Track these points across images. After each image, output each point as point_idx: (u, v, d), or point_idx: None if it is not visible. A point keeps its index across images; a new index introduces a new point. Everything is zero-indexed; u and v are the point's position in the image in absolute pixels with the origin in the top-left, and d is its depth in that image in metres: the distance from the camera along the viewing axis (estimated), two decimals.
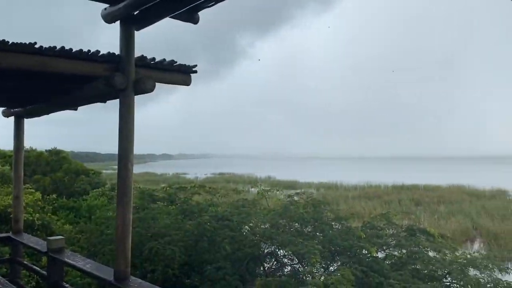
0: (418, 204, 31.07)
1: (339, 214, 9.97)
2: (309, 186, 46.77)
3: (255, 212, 9.29)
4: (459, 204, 29.16)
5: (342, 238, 8.06)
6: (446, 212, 26.36)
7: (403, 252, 8.31)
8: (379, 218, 9.83)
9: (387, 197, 33.78)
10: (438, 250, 8.42)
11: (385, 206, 27.95)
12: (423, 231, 9.23)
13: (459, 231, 20.55)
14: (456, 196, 34.40)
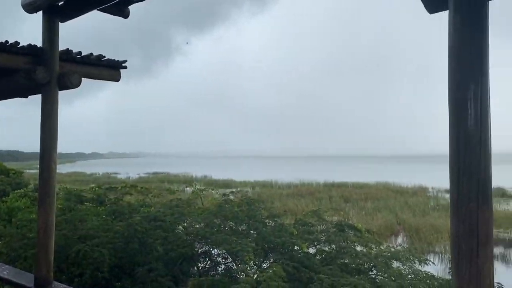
0: (347, 201, 32.45)
1: (272, 211, 10.15)
2: (245, 185, 47.15)
3: (189, 212, 9.19)
4: (384, 201, 30.87)
5: (275, 235, 8.21)
6: (372, 208, 27.78)
7: (333, 247, 8.63)
8: (311, 215, 10.15)
9: (319, 195, 34.92)
10: (365, 244, 8.85)
11: (317, 203, 28.86)
12: (351, 227, 9.66)
13: (384, 226, 21.75)
14: (382, 193, 36.40)
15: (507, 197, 35.76)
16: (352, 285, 6.41)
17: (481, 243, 1.72)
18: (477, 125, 1.74)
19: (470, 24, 1.78)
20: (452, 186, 1.79)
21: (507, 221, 23.01)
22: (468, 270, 1.70)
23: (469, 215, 1.71)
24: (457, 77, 1.82)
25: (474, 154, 1.73)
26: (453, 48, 1.84)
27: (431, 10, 2.11)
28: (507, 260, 16.56)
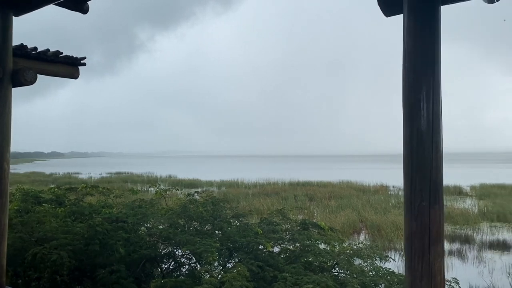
0: (312, 199, 32.90)
1: (237, 211, 10.14)
2: (210, 184, 46.94)
3: (152, 212, 9.03)
4: (348, 199, 31.50)
5: (240, 235, 8.20)
6: (336, 206, 28.29)
7: (297, 245, 8.71)
8: (276, 214, 10.21)
9: (284, 194, 35.21)
10: (328, 242, 8.98)
11: (282, 202, 29.12)
12: (315, 225, 9.77)
13: (347, 223, 22.20)
14: (345, 191, 37.14)
15: (463, 195, 37.31)
16: (315, 283, 6.50)
17: (432, 241, 1.77)
18: (429, 126, 1.80)
19: (423, 28, 1.83)
20: (406, 185, 1.83)
21: (463, 218, 24.02)
22: (420, 266, 1.75)
23: (422, 213, 1.76)
24: (411, 79, 1.87)
25: (427, 154, 1.79)
26: (407, 50, 1.89)
27: (387, 14, 2.16)
28: (463, 255, 17.25)
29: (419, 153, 1.81)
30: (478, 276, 14.15)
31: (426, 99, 1.82)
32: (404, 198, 1.86)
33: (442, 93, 1.85)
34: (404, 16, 1.93)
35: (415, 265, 1.76)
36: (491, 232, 21.27)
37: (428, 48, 1.84)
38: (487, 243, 18.87)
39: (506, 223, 23.24)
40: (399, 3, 1.99)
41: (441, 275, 1.80)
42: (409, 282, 1.80)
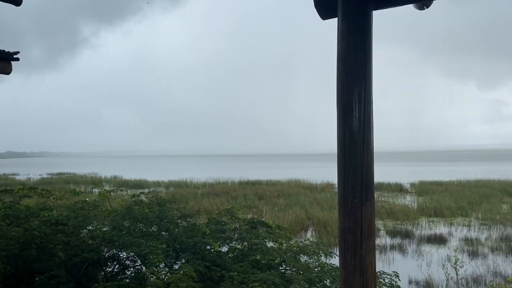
0: (261, 198, 33.20)
1: (185, 212, 10.02)
2: (158, 185, 46.06)
3: (95, 214, 8.72)
4: (296, 197, 32.09)
5: (187, 236, 8.12)
6: (284, 204, 28.72)
7: (245, 244, 8.76)
8: (224, 213, 10.20)
9: (234, 193, 35.28)
10: (276, 240, 9.11)
11: (231, 202, 29.15)
12: (263, 224, 9.87)
13: (295, 221, 22.62)
14: (294, 189, 37.81)
15: (404, 192, 39.16)
16: (262, 281, 6.57)
17: (364, 236, 1.85)
18: (360, 126, 1.87)
19: (355, 32, 1.90)
20: (339, 183, 1.90)
21: (404, 214, 25.22)
22: (353, 261, 1.82)
23: (354, 210, 1.84)
24: (344, 81, 1.94)
25: (358, 153, 1.86)
26: (340, 53, 1.96)
27: (324, 17, 2.22)
28: (403, 249, 18.08)
29: (351, 152, 1.89)
30: (417, 269, 14.90)
31: (358, 100, 1.90)
32: (338, 195, 1.92)
33: (381, 93, 1.93)
34: (338, 20, 2.00)
35: (348, 260, 1.82)
36: (429, 226, 22.48)
37: (360, 51, 1.92)
38: (425, 237, 19.92)
39: (442, 218, 24.66)
40: (334, 7, 2.06)
41: (372, 268, 1.88)
42: (342, 276, 1.87)
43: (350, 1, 1.88)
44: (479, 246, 17.95)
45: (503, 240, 18.79)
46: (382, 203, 29.49)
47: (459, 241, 19.17)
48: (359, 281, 1.76)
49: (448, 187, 38.97)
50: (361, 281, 1.77)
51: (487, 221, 23.04)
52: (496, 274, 14.15)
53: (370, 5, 1.93)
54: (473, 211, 26.01)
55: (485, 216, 24.25)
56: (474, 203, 28.47)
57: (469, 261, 15.79)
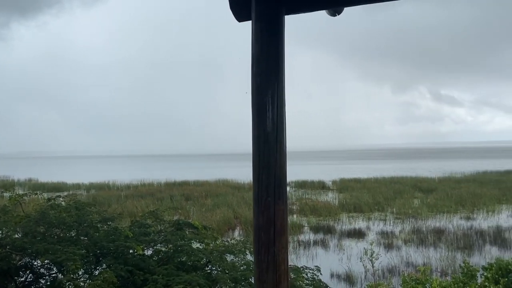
0: (188, 199, 32.82)
1: (106, 215, 9.62)
2: (78, 187, 43.70)
3: (4, 220, 8.06)
4: (224, 197, 32.16)
5: (109, 240, 7.81)
6: (212, 204, 28.68)
7: (170, 246, 8.61)
8: (148, 216, 9.94)
9: (160, 194, 34.50)
10: (202, 241, 9.06)
11: (157, 203, 28.49)
12: (189, 225, 9.76)
13: (223, 221, 22.67)
14: (221, 189, 37.85)
15: (326, 189, 40.88)
16: (187, 283, 6.51)
17: (277, 233, 1.92)
18: (274, 127, 1.94)
19: (268, 34, 1.96)
20: (254, 182, 1.95)
21: (326, 210, 26.34)
22: (266, 258, 1.88)
23: (267, 208, 1.89)
24: (258, 83, 1.99)
25: (272, 153, 1.93)
26: (254, 55, 2.01)
27: (239, 19, 2.27)
28: (326, 244, 18.87)
29: (265, 152, 1.94)
30: (339, 263, 15.63)
31: (272, 101, 1.97)
32: (253, 194, 1.97)
33: (306, 95, 2.01)
34: (252, 23, 2.05)
35: (262, 257, 1.88)
36: (349, 222, 23.69)
37: (273, 54, 1.98)
38: (346, 232, 20.96)
39: (361, 213, 26.11)
40: (248, 10, 2.11)
41: (285, 265, 1.95)
42: (256, 274, 1.92)
43: (263, 5, 1.93)
44: (393, 239, 19.26)
45: (414, 232, 20.33)
46: (306, 200, 30.55)
47: (376, 234, 20.40)
48: (272, 278, 1.81)
49: (366, 184, 41.33)
50: (274, 277, 1.83)
51: (400, 215, 24.80)
52: (409, 264, 15.26)
53: (282, 10, 2.00)
54: (388, 206, 27.83)
55: (399, 211, 26.06)
56: (389, 199, 30.49)
57: (385, 253, 16.89)
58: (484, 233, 19.59)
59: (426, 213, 25.19)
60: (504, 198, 30.16)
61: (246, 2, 2.08)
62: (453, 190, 33.43)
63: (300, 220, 24.12)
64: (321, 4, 2.11)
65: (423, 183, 39.75)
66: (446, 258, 15.64)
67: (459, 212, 25.68)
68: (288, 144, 2.00)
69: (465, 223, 22.23)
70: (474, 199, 29.09)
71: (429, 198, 30.61)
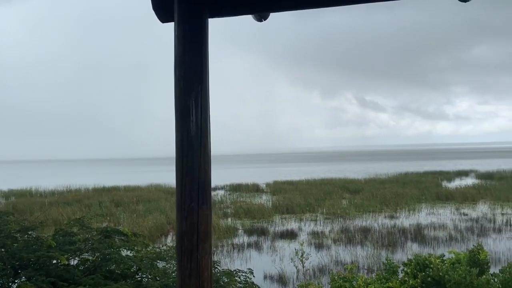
0: (118, 205, 31.64)
1: (25, 224, 8.97)
2: None
3: None
4: (156, 202, 31.38)
5: (28, 250, 7.29)
6: (144, 210, 27.88)
7: (97, 255, 8.23)
8: (74, 224, 9.44)
9: (87, 201, 32.96)
10: (131, 248, 8.76)
11: (85, 210, 27.19)
12: (118, 232, 9.39)
13: (155, 227, 22.11)
14: (154, 194, 36.90)
15: (260, 191, 41.38)
16: None
17: (200, 239, 1.89)
18: (197, 130, 1.92)
19: (191, 37, 1.94)
20: (177, 187, 1.91)
21: (260, 213, 26.65)
22: (189, 265, 1.84)
23: (191, 213, 1.86)
24: (181, 85, 1.96)
25: (196, 157, 1.90)
26: (177, 58, 1.98)
27: (163, 20, 2.23)
28: (259, 246, 19.07)
29: (188, 156, 1.91)
30: (272, 264, 15.85)
31: (195, 104, 1.94)
32: (176, 199, 1.93)
33: (240, 99, 2.00)
34: (175, 25, 2.02)
35: (185, 264, 1.84)
36: (282, 223, 24.15)
37: (197, 57, 1.96)
38: (279, 233, 21.34)
39: (294, 215, 26.75)
40: (171, 12, 2.07)
41: (208, 271, 1.93)
42: (179, 281, 1.88)
43: (186, 7, 1.90)
44: (324, 239, 19.93)
45: (343, 232, 21.18)
46: (240, 203, 30.71)
47: (307, 235, 20.99)
48: (195, 284, 1.78)
49: (299, 186, 42.44)
50: (197, 284, 1.80)
51: (330, 216, 25.74)
52: (338, 263, 15.86)
53: (206, 13, 1.99)
54: (319, 207, 28.77)
55: (328, 211, 27.04)
56: (320, 200, 31.54)
57: (316, 252, 17.42)
58: (406, 230, 20.89)
59: (354, 213, 26.37)
60: (423, 198, 32.43)
61: (169, 4, 2.03)
62: (378, 191, 35.32)
63: (235, 223, 24.19)
64: (245, 9, 2.11)
65: (350, 184, 41.59)
66: (372, 256, 16.46)
67: (384, 211, 27.18)
68: (222, 147, 2.01)
69: (389, 222, 23.56)
70: (397, 198, 30.95)
71: (356, 198, 32.09)
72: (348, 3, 2.23)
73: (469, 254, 6.27)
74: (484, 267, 6.14)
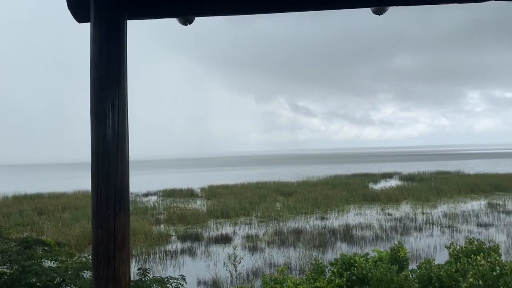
0: (42, 213, 29.78)
1: None
2: None
3: None
4: (84, 210, 29.88)
5: None
6: (71, 218, 26.48)
7: (16, 267, 7.67)
8: None
9: (6, 210, 30.69)
10: (55, 259, 8.27)
11: (3, 220, 25.25)
12: (39, 242, 8.83)
13: (83, 235, 21.03)
14: (81, 201, 35.12)
15: (195, 196, 40.92)
16: None
17: (118, 247, 1.83)
18: (114, 135, 1.85)
19: (108, 38, 1.87)
20: (93, 194, 1.83)
21: (194, 218, 26.34)
22: (106, 273, 1.78)
23: (107, 221, 1.80)
24: (96, 88, 1.89)
25: (112, 162, 1.83)
26: (93, 59, 1.90)
27: (79, 20, 2.13)
28: (193, 252, 18.81)
29: (104, 162, 1.84)
30: (206, 269, 15.71)
31: (112, 107, 1.87)
32: (91, 206, 1.85)
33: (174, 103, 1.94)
34: (91, 25, 1.93)
35: (101, 273, 1.77)
36: (217, 228, 24.05)
37: (114, 58, 1.89)
38: (213, 238, 21.22)
39: (228, 219, 26.76)
40: (88, 12, 1.99)
41: (126, 280, 1.87)
42: None
43: (103, 8, 1.84)
44: (258, 242, 20.13)
45: (276, 234, 21.54)
46: (174, 209, 30.15)
47: (242, 238, 21.09)
48: None
49: (233, 189, 42.56)
50: None
51: (264, 219, 26.08)
52: (271, 265, 16.08)
53: (124, 14, 1.92)
54: (253, 210, 29.05)
55: (263, 214, 27.38)
56: (254, 203, 31.86)
57: (250, 256, 17.55)
58: (336, 231, 21.71)
59: (287, 215, 26.94)
60: (351, 199, 33.92)
61: (85, 4, 1.94)
62: (310, 193, 36.40)
63: (168, 229, 23.70)
64: (167, 13, 2.07)
65: (284, 187, 42.47)
66: (304, 257, 16.90)
67: (315, 213, 28.05)
68: (156, 152, 1.94)
69: (320, 223, 24.34)
70: (327, 200, 32.09)
71: (289, 201, 32.83)
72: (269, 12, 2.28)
73: (390, 252, 6.65)
74: (404, 264, 6.55)
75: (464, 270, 6.02)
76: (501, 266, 6.03)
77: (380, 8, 2.41)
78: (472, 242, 6.62)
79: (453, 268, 6.17)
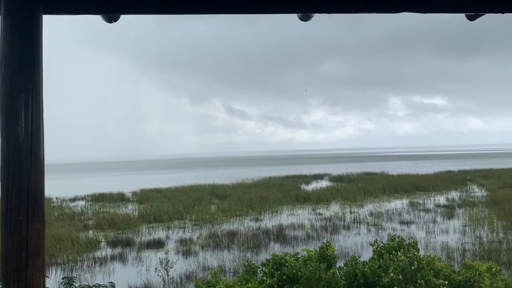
0: None
1: None
2: None
3: None
4: None
5: None
6: None
7: None
8: None
9: None
10: None
11: None
12: None
13: None
14: None
15: (126, 200, 39.56)
16: None
17: (31, 255, 1.71)
18: (28, 136, 1.72)
19: (20, 33, 1.75)
20: (3, 200, 1.70)
21: (125, 223, 25.45)
22: (16, 285, 1.65)
23: (19, 228, 1.68)
24: (7, 86, 1.76)
25: (25, 165, 1.71)
26: (3, 54, 1.77)
27: None
28: (124, 258, 18.19)
29: (16, 165, 1.72)
30: (137, 275, 15.25)
31: (25, 107, 1.75)
32: (1, 213, 1.71)
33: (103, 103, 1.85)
34: (2, 19, 1.79)
35: (11, 284, 1.65)
36: (149, 232, 23.44)
37: (27, 55, 1.77)
38: (145, 243, 20.65)
39: (161, 223, 26.18)
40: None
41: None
42: None
43: (14, 2, 1.71)
44: (192, 245, 19.90)
45: (211, 237, 21.45)
46: (104, 214, 28.93)
47: (175, 242, 20.73)
48: None
49: (167, 193, 41.73)
50: None
51: (199, 222, 25.85)
52: (205, 268, 15.98)
53: (40, 9, 1.80)
54: (187, 214, 28.68)
55: (197, 217, 27.12)
56: (189, 206, 31.47)
57: (184, 260, 17.31)
58: (269, 232, 22.07)
59: (222, 217, 26.93)
60: (284, 200, 34.68)
61: None
62: (245, 195, 36.68)
63: (97, 235, 22.70)
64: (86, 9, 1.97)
65: (219, 190, 42.41)
66: (238, 258, 16.98)
67: (249, 214, 28.31)
68: (82, 154, 1.84)
69: (254, 224, 24.61)
70: (262, 202, 32.54)
71: (224, 203, 32.84)
72: (193, 13, 2.26)
73: (319, 251, 6.88)
74: (332, 262, 6.80)
75: (386, 265, 6.39)
76: (419, 261, 6.49)
77: (306, 15, 2.50)
78: (394, 239, 7.04)
79: (377, 264, 6.53)
